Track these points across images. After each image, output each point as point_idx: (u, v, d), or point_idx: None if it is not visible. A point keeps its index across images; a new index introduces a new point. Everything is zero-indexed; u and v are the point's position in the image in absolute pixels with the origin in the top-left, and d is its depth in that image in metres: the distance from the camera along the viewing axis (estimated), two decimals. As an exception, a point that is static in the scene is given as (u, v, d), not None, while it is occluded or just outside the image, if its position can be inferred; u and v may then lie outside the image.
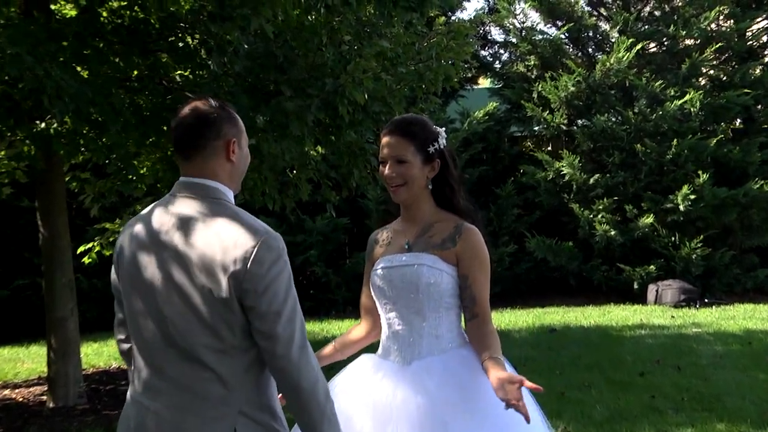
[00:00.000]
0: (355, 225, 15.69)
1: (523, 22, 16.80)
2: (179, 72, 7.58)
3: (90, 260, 9.08)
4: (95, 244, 9.05)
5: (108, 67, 6.90)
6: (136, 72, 7.32)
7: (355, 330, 3.70)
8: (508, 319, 13.07)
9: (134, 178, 7.37)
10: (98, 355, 11.09)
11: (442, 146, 3.42)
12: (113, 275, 2.88)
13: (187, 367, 2.62)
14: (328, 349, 3.61)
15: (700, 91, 15.01)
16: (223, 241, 2.57)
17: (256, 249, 2.56)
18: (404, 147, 3.34)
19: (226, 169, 2.75)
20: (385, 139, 3.39)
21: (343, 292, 14.83)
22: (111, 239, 8.94)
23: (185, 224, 2.65)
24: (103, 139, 6.70)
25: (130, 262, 2.75)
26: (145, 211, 2.81)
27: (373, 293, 3.49)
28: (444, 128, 3.50)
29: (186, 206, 2.69)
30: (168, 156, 7.74)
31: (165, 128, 7.14)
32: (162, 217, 2.71)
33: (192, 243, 2.61)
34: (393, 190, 3.38)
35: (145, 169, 8.05)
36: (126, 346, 2.91)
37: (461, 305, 3.37)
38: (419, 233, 3.42)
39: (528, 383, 2.92)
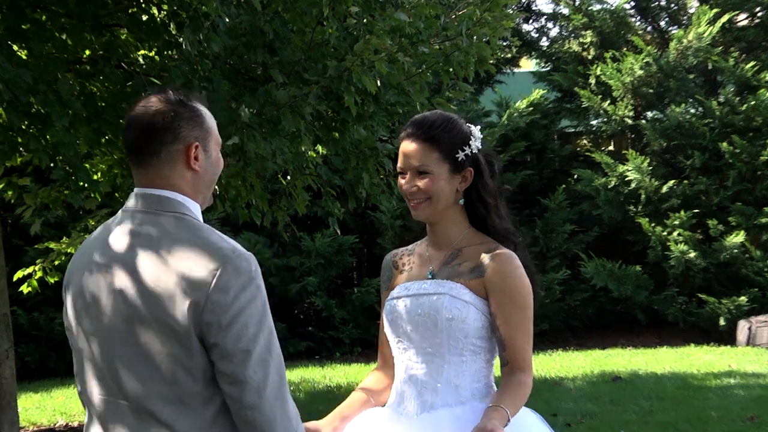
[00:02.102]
0: (366, 245, 15.68)
1: (578, -12, 16.82)
2: (142, 52, 7.57)
3: (30, 289, 9.07)
4: (36, 269, 9.04)
5: (53, 47, 6.91)
6: (88, 52, 7.32)
7: (383, 372, 3.68)
8: (559, 363, 13.02)
9: (86, 185, 7.34)
10: (40, 409, 11.09)
11: (475, 150, 3.41)
12: (64, 315, 2.92)
13: (139, 424, 2.65)
14: (357, 397, 3.60)
15: (804, 75, 14.97)
16: (182, 264, 2.60)
17: (219, 272, 2.59)
18: (426, 154, 3.35)
19: (186, 178, 2.78)
20: (403, 145, 3.40)
21: (349, 329, 14.80)
22: (56, 263, 8.93)
23: (138, 252, 2.68)
24: (47, 137, 6.69)
25: (76, 303, 2.78)
26: (92, 236, 2.86)
27: (385, 329, 3.50)
28: (477, 125, 3.49)
29: (140, 226, 2.73)
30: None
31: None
32: (110, 246, 2.75)
33: (146, 272, 2.63)
34: (414, 206, 3.39)
35: (99, 174, 8.05)
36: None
37: (493, 348, 3.38)
38: (446, 260, 3.43)
39: None
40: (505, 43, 14.48)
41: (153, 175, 2.77)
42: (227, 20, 6.67)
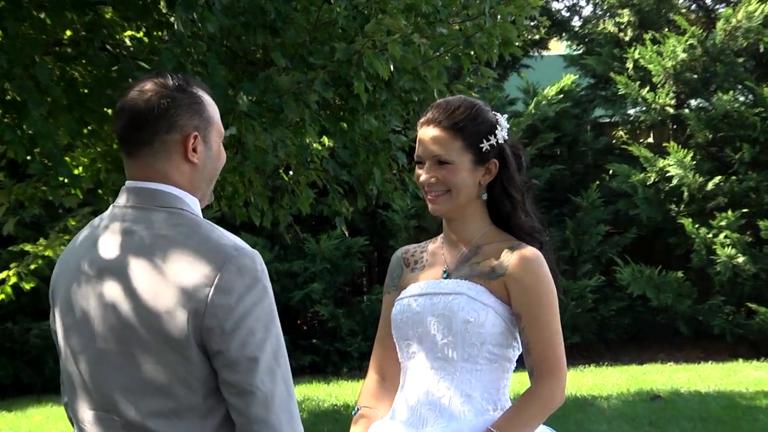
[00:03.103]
0: (376, 247, 15.69)
1: (613, -38, 16.81)
2: (129, 33, 7.60)
3: (3, 297, 9.08)
4: (10, 274, 9.06)
5: (30, 26, 6.93)
6: (69, 33, 7.34)
7: (382, 386, 3.68)
8: (591, 380, 13.02)
9: (66, 180, 7.37)
10: (14, 431, 11.10)
11: (501, 141, 3.44)
12: (51, 322, 2.93)
13: None
14: (369, 419, 3.60)
15: None
16: (179, 267, 2.61)
17: (221, 272, 2.60)
18: (448, 143, 3.38)
19: (183, 171, 2.78)
20: (422, 132, 3.43)
21: (358, 341, 14.81)
22: (32, 267, 8.94)
23: (131, 259, 2.68)
24: (23, 127, 6.72)
25: (64, 319, 2.79)
26: (78, 239, 2.86)
27: (393, 331, 3.53)
28: (502, 113, 3.51)
29: (131, 227, 2.73)
30: (113, 150, 7.75)
31: (110, 111, 7.15)
32: (99, 253, 2.75)
33: (141, 281, 2.64)
34: (431, 199, 3.41)
35: (81, 168, 8.07)
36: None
37: (511, 358, 3.40)
38: (463, 258, 3.45)
39: None
40: (532, 23, 14.46)
41: (145, 166, 2.76)
42: (224, -2, 6.68)
